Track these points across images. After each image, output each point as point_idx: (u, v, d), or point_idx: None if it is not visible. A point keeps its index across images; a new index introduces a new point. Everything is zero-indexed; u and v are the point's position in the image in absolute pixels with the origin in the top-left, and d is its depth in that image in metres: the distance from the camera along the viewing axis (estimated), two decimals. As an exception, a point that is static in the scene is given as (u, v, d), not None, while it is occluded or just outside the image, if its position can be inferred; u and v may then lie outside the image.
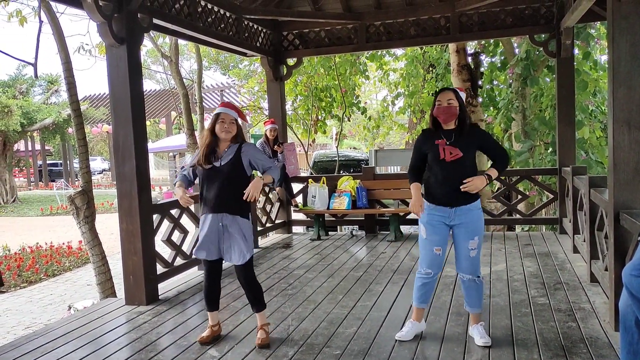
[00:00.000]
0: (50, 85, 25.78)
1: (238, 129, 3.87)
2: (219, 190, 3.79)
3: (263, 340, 3.88)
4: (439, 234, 3.65)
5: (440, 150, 3.55)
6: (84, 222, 6.50)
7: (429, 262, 3.70)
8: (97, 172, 35.85)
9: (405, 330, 3.84)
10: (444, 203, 3.60)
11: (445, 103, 3.52)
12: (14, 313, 8.18)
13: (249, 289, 3.94)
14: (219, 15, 6.51)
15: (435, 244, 3.66)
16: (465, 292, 3.78)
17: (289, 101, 12.25)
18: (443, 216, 3.63)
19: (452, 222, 3.63)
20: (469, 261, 3.65)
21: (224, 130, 3.78)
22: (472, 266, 3.67)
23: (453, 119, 3.57)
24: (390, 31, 7.68)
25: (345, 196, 7.80)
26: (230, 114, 3.82)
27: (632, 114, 3.61)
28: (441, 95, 3.56)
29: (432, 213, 3.66)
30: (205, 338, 3.99)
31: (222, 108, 3.84)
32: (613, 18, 3.60)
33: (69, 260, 11.15)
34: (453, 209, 3.59)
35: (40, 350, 3.98)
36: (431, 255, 3.68)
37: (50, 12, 6.61)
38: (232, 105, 3.96)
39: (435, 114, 3.58)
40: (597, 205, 4.67)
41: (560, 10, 6.83)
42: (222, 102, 3.96)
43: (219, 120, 3.80)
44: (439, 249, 3.67)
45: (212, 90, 27.81)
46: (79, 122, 6.70)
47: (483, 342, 3.65)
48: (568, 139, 7.17)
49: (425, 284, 3.76)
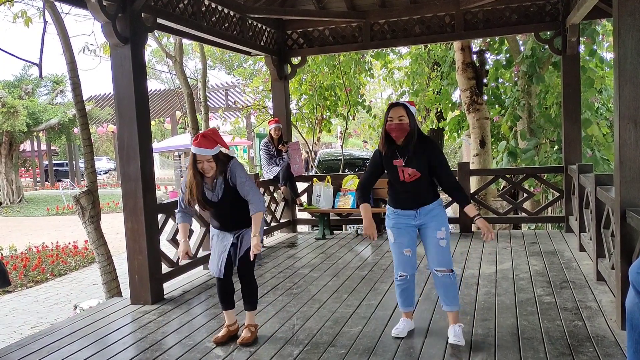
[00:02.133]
0: (56, 85, 25.86)
1: (219, 158, 3.72)
2: (230, 217, 3.88)
3: (245, 340, 3.88)
4: (406, 235, 3.74)
5: (400, 172, 3.65)
6: (89, 222, 6.52)
7: (403, 266, 3.79)
8: (102, 172, 36.00)
9: (401, 327, 3.90)
10: (408, 207, 3.71)
11: (397, 120, 3.58)
12: (21, 313, 8.22)
13: (248, 284, 3.96)
14: (223, 15, 6.51)
15: (404, 246, 3.75)
16: (442, 290, 3.76)
17: (294, 100, 12.23)
18: (408, 217, 3.73)
19: (417, 220, 3.71)
20: (440, 252, 3.68)
21: (205, 171, 3.71)
22: (444, 257, 3.69)
23: (405, 134, 3.62)
24: (395, 29, 7.66)
25: (350, 195, 7.79)
26: (205, 154, 3.65)
27: (638, 112, 3.58)
28: (392, 112, 3.60)
29: (397, 216, 3.75)
30: (220, 338, 3.95)
31: (196, 149, 3.65)
32: (619, 15, 3.57)
33: (75, 260, 11.20)
34: (417, 210, 3.70)
35: (46, 349, 3.99)
36: (402, 257, 3.77)
37: (55, 12, 6.63)
38: (206, 139, 3.66)
39: (388, 129, 3.64)
40: (603, 203, 4.64)
41: (566, 7, 6.79)
42: (195, 138, 3.71)
43: (196, 161, 3.70)
44: (408, 251, 3.75)
45: (217, 90, 27.79)
46: (84, 122, 6.72)
47: (455, 340, 3.66)
48: (574, 136, 7.14)
49: (404, 289, 3.86)
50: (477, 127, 10.16)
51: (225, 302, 4.01)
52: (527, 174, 7.89)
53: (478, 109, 10.13)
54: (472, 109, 10.15)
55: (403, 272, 3.79)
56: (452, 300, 3.76)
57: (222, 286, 3.97)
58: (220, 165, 3.73)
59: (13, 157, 23.60)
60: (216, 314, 4.61)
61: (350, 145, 22.72)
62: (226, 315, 4.04)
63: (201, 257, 6.03)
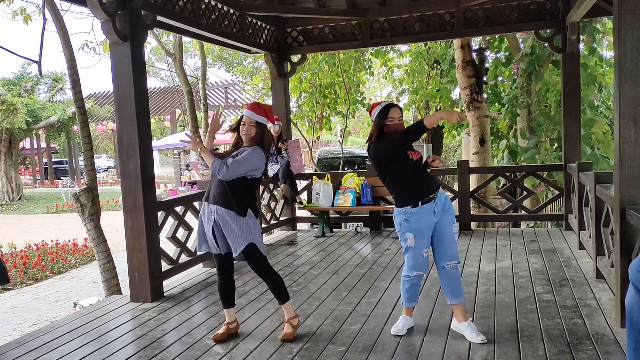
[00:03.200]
0: (55, 83, 25.83)
1: (259, 132, 3.85)
2: (216, 186, 3.85)
3: (286, 336, 3.87)
4: (427, 236, 3.77)
5: (409, 153, 3.76)
6: (89, 220, 6.52)
7: (420, 266, 3.81)
8: (102, 170, 36.00)
9: (400, 325, 3.90)
10: (428, 193, 3.72)
11: (397, 120, 3.75)
12: (20, 310, 8.22)
13: (269, 278, 3.93)
14: (222, 12, 6.50)
15: (424, 248, 3.78)
16: (450, 282, 3.81)
17: (294, 98, 12.22)
18: (429, 213, 3.73)
19: (436, 216, 3.75)
20: (453, 246, 3.81)
21: (243, 133, 3.86)
22: (455, 250, 3.83)
23: None
24: (395, 27, 7.66)
25: (350, 193, 7.79)
26: (251, 116, 3.84)
27: (638, 110, 3.58)
28: (393, 112, 3.76)
29: (419, 215, 3.71)
30: (219, 335, 3.95)
31: (246, 110, 3.87)
32: (619, 12, 3.57)
33: (75, 258, 11.20)
34: (435, 199, 3.74)
35: (45, 347, 4.00)
36: (421, 259, 3.79)
37: (55, 10, 6.62)
38: (258, 107, 3.90)
39: (392, 129, 3.73)
40: (602, 201, 4.64)
41: (566, 5, 6.79)
42: (250, 104, 3.95)
43: (242, 122, 3.88)
44: (427, 251, 3.80)
45: (216, 88, 27.78)
46: (84, 119, 6.71)
47: (481, 339, 3.67)
48: (573, 134, 7.13)
49: (414, 284, 3.88)
50: (477, 125, 10.15)
51: (225, 299, 4.00)
52: (526, 172, 7.89)
53: (478, 107, 10.12)
54: (471, 106, 10.15)
55: (419, 272, 3.82)
56: (460, 292, 3.83)
57: (222, 284, 3.98)
58: (256, 136, 3.85)
59: (12, 154, 23.58)
60: (216, 311, 4.61)
61: (349, 143, 22.68)
62: (226, 313, 4.04)
63: (201, 255, 6.03)
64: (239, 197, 3.80)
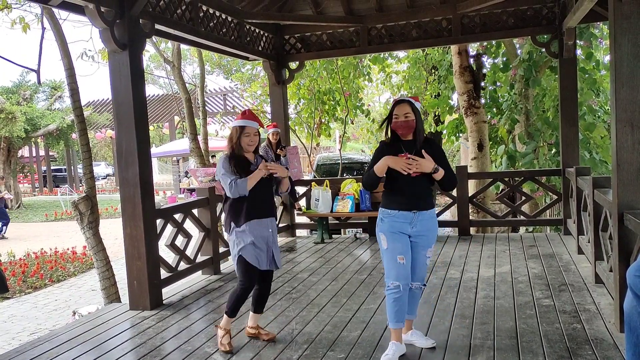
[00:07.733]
0: (54, 91, 25.89)
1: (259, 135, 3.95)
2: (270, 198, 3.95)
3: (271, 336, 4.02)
4: (401, 241, 3.55)
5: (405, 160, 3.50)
6: (88, 228, 6.52)
7: (395, 274, 3.53)
8: (101, 178, 35.96)
9: (390, 352, 3.55)
10: (407, 208, 3.55)
11: (402, 117, 3.54)
12: (19, 319, 8.20)
13: (269, 291, 4.06)
14: (220, 20, 6.52)
15: (398, 252, 3.53)
16: (412, 300, 3.73)
17: (292, 105, 12.25)
18: (404, 223, 3.55)
19: (413, 228, 3.56)
20: (424, 269, 3.71)
21: (251, 144, 3.82)
22: (424, 272, 3.73)
23: (411, 131, 3.58)
24: (392, 34, 7.68)
25: (349, 199, 7.79)
26: (255, 126, 3.82)
27: (635, 114, 3.60)
28: (398, 109, 3.56)
29: (393, 220, 3.57)
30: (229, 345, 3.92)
31: (247, 121, 3.79)
32: (614, 18, 3.60)
33: (74, 266, 11.18)
34: (415, 214, 3.55)
35: (45, 356, 3.99)
36: (396, 265, 3.53)
37: (53, 18, 6.63)
38: (253, 115, 3.91)
39: (394, 127, 3.59)
40: (601, 205, 4.65)
41: (563, 11, 6.82)
42: (243, 113, 3.85)
43: (244, 133, 3.78)
44: (402, 258, 3.53)
45: (215, 95, 27.81)
46: (83, 127, 6.72)
47: (432, 343, 3.73)
48: (571, 139, 7.15)
49: (397, 299, 3.53)
50: (475, 130, 10.18)
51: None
52: (525, 177, 7.91)
53: (476, 113, 10.15)
54: (469, 112, 10.18)
55: (395, 281, 3.51)
56: (415, 309, 3.84)
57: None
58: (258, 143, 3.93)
59: (11, 162, 23.57)
60: (215, 319, 4.61)
61: (348, 149, 22.70)
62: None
63: (200, 262, 6.03)
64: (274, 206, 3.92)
